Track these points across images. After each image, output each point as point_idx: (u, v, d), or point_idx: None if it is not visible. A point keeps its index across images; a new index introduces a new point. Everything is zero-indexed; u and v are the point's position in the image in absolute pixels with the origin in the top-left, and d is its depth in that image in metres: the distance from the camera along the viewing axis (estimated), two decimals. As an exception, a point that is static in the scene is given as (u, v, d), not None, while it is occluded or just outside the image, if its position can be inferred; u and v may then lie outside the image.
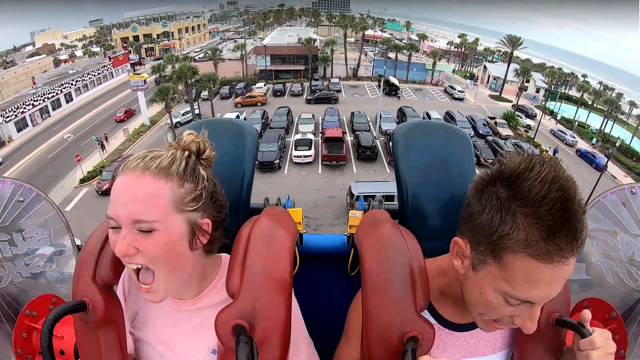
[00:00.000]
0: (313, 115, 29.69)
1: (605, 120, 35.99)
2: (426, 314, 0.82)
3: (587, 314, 0.75)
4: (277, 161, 22.50)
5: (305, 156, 23.25)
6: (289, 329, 0.72)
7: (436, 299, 0.85)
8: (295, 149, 23.69)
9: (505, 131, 30.27)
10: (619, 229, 1.10)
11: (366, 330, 0.73)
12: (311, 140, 24.61)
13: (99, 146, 25.94)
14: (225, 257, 0.91)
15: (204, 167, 0.80)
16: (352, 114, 30.04)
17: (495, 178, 0.66)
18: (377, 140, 25.50)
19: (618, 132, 35.69)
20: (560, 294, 0.71)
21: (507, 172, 0.64)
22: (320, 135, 25.96)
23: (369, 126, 28.26)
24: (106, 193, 20.58)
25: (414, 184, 1.03)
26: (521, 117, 33.32)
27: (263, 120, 28.50)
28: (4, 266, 1.16)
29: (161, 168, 0.72)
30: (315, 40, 44.29)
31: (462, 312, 0.83)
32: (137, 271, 0.75)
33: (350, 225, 1.18)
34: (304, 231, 1.23)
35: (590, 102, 40.34)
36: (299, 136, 25.34)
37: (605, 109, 36.39)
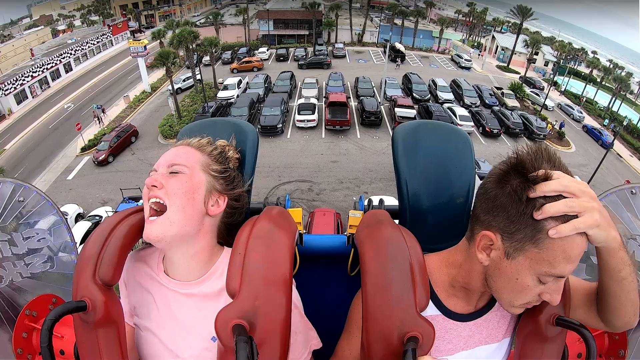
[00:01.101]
0: (317, 79, 29.08)
1: (614, 99, 35.23)
2: (430, 306, 0.84)
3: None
4: (280, 125, 22.19)
5: (308, 120, 22.87)
6: (288, 328, 0.73)
7: (444, 291, 0.86)
8: (299, 113, 23.27)
9: (512, 102, 29.57)
10: (619, 229, 1.08)
11: (366, 330, 0.74)
12: (315, 104, 24.19)
13: (95, 118, 25.25)
14: (227, 249, 0.95)
15: (234, 163, 1.01)
16: (357, 79, 29.41)
17: (519, 172, 0.70)
18: (382, 107, 25.02)
19: (626, 111, 34.98)
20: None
21: (530, 166, 0.69)
22: (324, 100, 25.46)
23: (374, 92, 27.71)
24: (102, 164, 20.29)
25: (414, 184, 1.03)
26: (538, 95, 31.93)
27: (266, 85, 28.03)
28: (4, 266, 1.17)
29: (199, 144, 0.96)
30: (319, 4, 42.87)
31: (469, 301, 0.86)
32: (153, 213, 0.85)
33: (350, 225, 1.20)
34: (304, 231, 1.23)
35: (599, 80, 39.37)
36: (302, 100, 24.89)
37: (614, 87, 35.45)
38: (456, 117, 23.75)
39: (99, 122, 25.29)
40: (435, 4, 56.95)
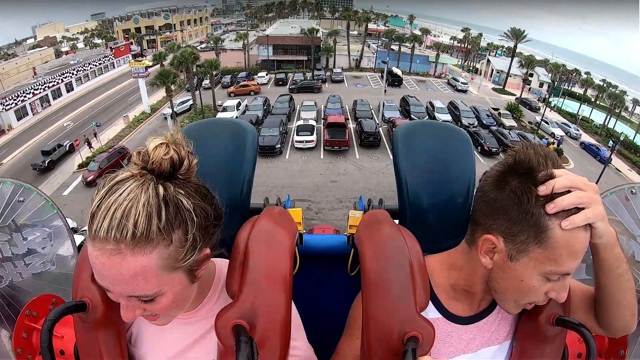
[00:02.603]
0: (315, 102, 29.50)
1: (609, 117, 36.13)
2: (432, 309, 0.83)
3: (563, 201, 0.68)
4: (279, 146, 22.23)
5: (307, 141, 22.95)
6: (289, 328, 0.72)
7: (446, 294, 0.85)
8: (297, 134, 23.40)
9: (509, 122, 30.05)
10: (619, 229, 1.10)
11: (366, 330, 0.74)
12: (313, 126, 24.36)
13: (85, 143, 24.69)
14: (219, 263, 0.86)
15: (185, 185, 0.64)
16: (355, 102, 29.89)
17: (517, 172, 0.69)
18: (380, 128, 25.18)
19: (621, 128, 35.77)
20: None
21: (528, 165, 0.68)
22: (322, 121, 25.69)
23: (372, 114, 28.03)
24: (90, 185, 20.15)
25: (414, 184, 1.03)
26: (547, 123, 31.15)
27: (265, 107, 28.33)
28: (4, 266, 1.16)
29: (139, 237, 0.57)
30: (317, 30, 44.05)
31: (470, 304, 0.85)
32: None
33: (350, 225, 1.19)
34: (304, 231, 1.22)
35: (593, 99, 40.46)
36: (300, 122, 25.09)
37: (609, 106, 36.39)
38: (454, 137, 23.89)
39: (90, 147, 24.63)
40: (431, 31, 58.65)
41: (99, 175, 20.28)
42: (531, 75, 41.65)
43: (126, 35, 53.96)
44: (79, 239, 14.03)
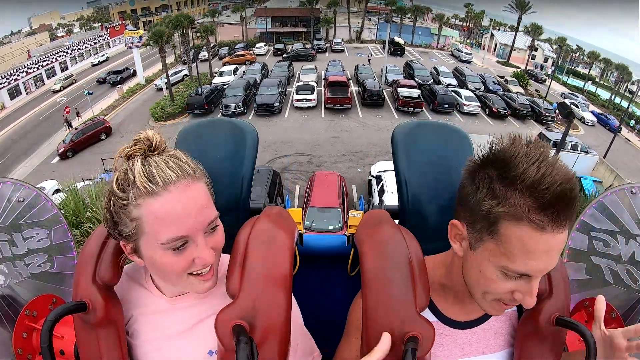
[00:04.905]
0: (315, 66, 28.51)
1: (614, 95, 35.97)
2: (427, 311, 0.82)
3: (600, 303, 0.76)
4: (277, 104, 21.17)
5: (307, 99, 21.87)
6: (289, 329, 0.72)
7: (437, 293, 0.85)
8: (297, 94, 22.31)
9: (516, 89, 28.98)
10: (619, 229, 1.10)
11: (366, 330, 0.73)
12: (314, 86, 23.31)
13: (65, 123, 22.67)
14: (223, 255, 0.87)
15: None
16: (357, 66, 28.77)
17: (486, 161, 0.68)
18: (384, 91, 24.12)
19: (626, 106, 35.23)
20: (560, 294, 0.81)
21: (497, 155, 0.66)
22: (323, 82, 24.62)
23: (374, 77, 26.95)
24: (62, 157, 19.29)
25: (415, 184, 1.03)
26: (577, 107, 27.92)
27: (263, 72, 27.34)
28: (4, 266, 1.16)
29: (193, 170, 0.73)
30: (317, 1, 42.93)
31: (463, 307, 0.84)
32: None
33: (350, 225, 1.20)
34: (304, 231, 1.17)
35: (597, 79, 40.01)
36: (300, 83, 24.05)
37: (615, 78, 35.92)
38: (461, 97, 22.95)
39: (69, 128, 22.49)
40: (432, 9, 57.28)
41: (70, 147, 19.37)
42: (536, 49, 40.57)
43: (122, 17, 52.97)
44: (62, 196, 13.29)
